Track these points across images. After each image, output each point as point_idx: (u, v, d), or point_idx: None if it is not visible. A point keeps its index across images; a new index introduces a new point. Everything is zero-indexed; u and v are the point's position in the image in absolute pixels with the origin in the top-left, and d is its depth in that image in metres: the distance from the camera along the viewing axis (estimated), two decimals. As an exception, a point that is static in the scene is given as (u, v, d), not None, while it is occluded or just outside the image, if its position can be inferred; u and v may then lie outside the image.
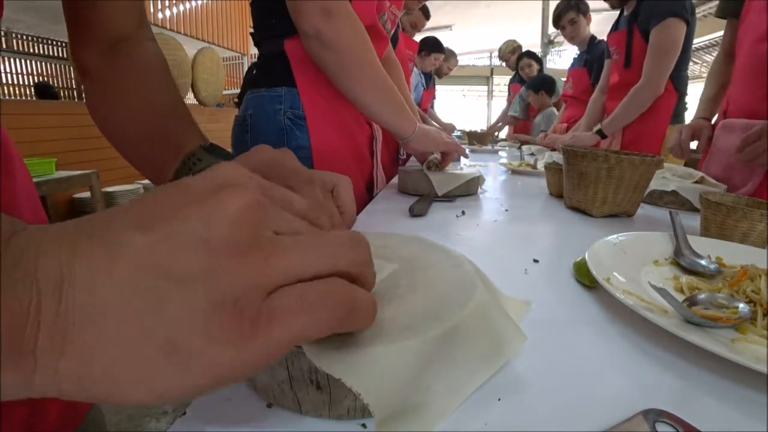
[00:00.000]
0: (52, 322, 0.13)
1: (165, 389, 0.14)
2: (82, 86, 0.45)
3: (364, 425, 0.23)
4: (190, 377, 0.14)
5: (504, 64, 3.68)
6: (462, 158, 1.57)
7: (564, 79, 2.54)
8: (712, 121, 1.08)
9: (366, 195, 0.94)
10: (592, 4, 2.19)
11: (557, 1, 2.25)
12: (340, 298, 0.17)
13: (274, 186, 0.24)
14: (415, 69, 2.65)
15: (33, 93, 4.51)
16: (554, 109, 2.79)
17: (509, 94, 3.69)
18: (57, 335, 0.13)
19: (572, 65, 2.37)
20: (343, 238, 0.18)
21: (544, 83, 2.83)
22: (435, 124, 1.99)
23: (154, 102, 0.43)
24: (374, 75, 0.72)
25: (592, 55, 2.14)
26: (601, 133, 1.59)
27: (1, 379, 0.12)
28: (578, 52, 2.29)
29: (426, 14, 2.43)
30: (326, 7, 0.64)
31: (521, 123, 3.24)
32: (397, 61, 1.22)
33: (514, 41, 3.49)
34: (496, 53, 3.66)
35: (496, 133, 3.25)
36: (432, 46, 2.86)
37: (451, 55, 3.38)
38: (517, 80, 3.43)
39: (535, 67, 3.12)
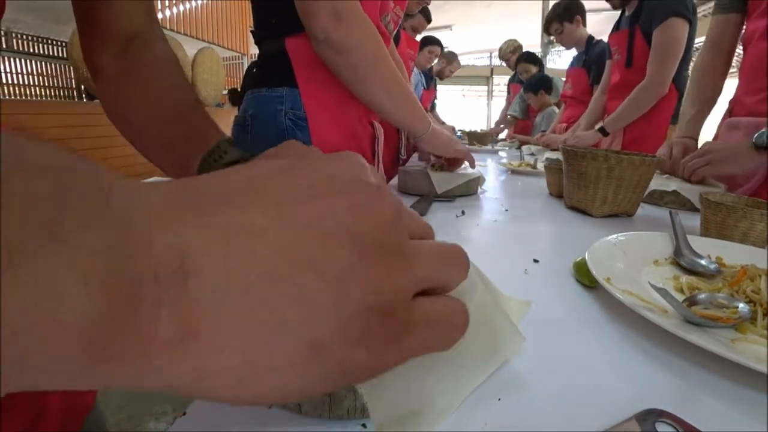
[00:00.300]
0: (173, 311, 0.11)
1: (300, 388, 0.13)
2: (95, 86, 0.45)
3: (364, 425, 0.23)
4: (328, 378, 0.13)
5: (504, 63, 3.67)
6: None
7: (564, 78, 2.54)
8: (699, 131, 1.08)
9: None
10: (592, 4, 2.20)
11: (557, 1, 2.25)
12: (462, 317, 0.17)
13: None
14: (415, 68, 2.65)
15: (33, 93, 4.51)
16: (555, 108, 2.79)
17: (509, 94, 3.69)
18: (180, 326, 0.11)
19: (571, 66, 2.38)
20: (456, 252, 0.18)
21: (541, 83, 2.84)
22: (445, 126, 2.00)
23: (170, 99, 0.43)
24: (387, 75, 0.72)
25: (590, 56, 2.14)
26: (603, 131, 1.59)
27: (107, 372, 0.10)
28: (577, 53, 2.29)
29: (427, 17, 2.43)
30: (336, 9, 0.63)
31: (522, 123, 3.24)
32: (401, 61, 1.22)
33: (515, 41, 3.49)
34: (496, 53, 3.66)
35: (497, 134, 3.25)
36: (426, 40, 2.85)
37: (453, 58, 3.38)
38: (517, 80, 3.43)
39: (533, 71, 3.11)
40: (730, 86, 1.10)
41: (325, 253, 0.13)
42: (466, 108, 11.66)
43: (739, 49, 1.03)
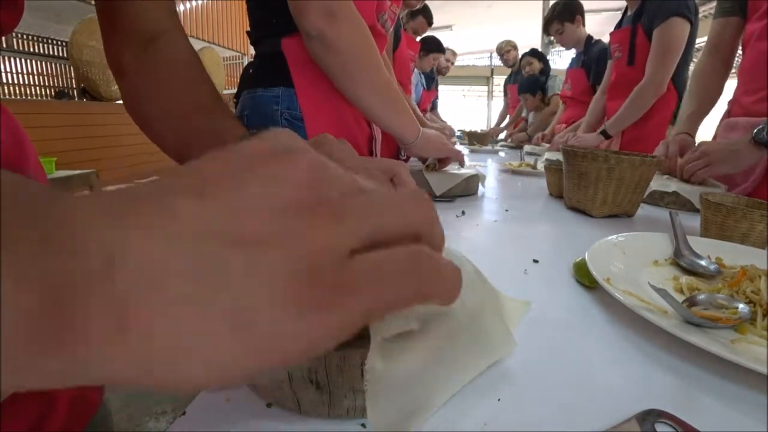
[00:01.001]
0: (105, 299, 0.11)
1: (232, 365, 0.13)
2: (118, 86, 0.46)
3: (363, 425, 0.23)
4: (259, 351, 0.13)
5: (501, 60, 3.67)
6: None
7: (563, 78, 2.55)
8: (691, 135, 1.08)
9: None
10: (592, 5, 2.20)
11: (556, 1, 2.26)
12: (424, 264, 0.15)
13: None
14: (415, 69, 2.65)
15: (33, 93, 4.52)
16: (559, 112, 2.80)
17: (506, 95, 3.69)
18: (112, 313, 0.11)
19: (570, 66, 2.38)
20: (409, 194, 0.17)
21: (537, 84, 2.86)
22: (435, 125, 1.99)
23: (192, 95, 0.44)
24: (377, 78, 0.72)
25: (589, 56, 2.15)
26: (605, 134, 1.59)
27: (47, 365, 0.11)
28: (576, 53, 2.30)
29: (429, 20, 2.43)
30: (329, 8, 0.63)
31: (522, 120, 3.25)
32: (389, 63, 1.22)
33: (512, 41, 3.49)
34: (495, 50, 3.65)
35: (497, 134, 3.25)
36: (431, 45, 2.85)
37: (443, 51, 3.37)
38: (513, 81, 3.44)
39: (537, 65, 3.11)
40: (729, 87, 1.10)
41: (241, 223, 0.13)
42: (466, 108, 11.66)
43: (739, 51, 1.03)
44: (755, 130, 0.76)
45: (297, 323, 0.13)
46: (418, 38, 2.52)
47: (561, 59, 7.11)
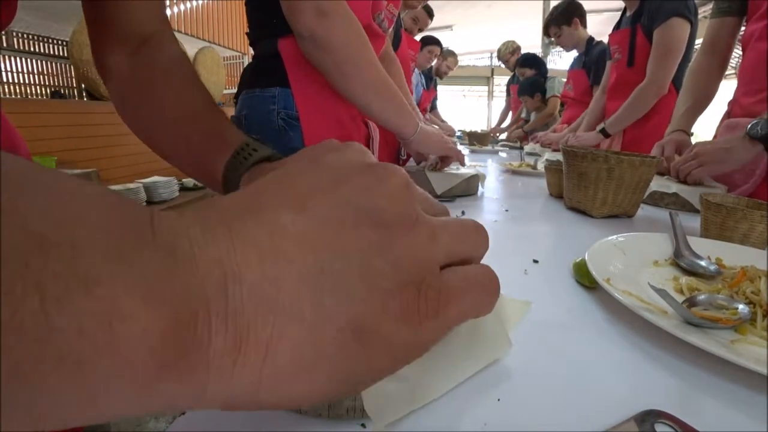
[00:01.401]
0: (224, 321, 0.11)
1: (349, 375, 0.13)
2: (107, 87, 0.45)
3: (363, 425, 0.23)
4: (373, 361, 0.13)
5: (503, 65, 3.67)
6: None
7: (564, 79, 2.55)
8: (688, 132, 1.08)
9: None
10: (592, 5, 2.20)
11: (558, 1, 2.26)
12: (496, 282, 0.17)
13: None
14: (415, 69, 2.64)
15: (33, 92, 4.52)
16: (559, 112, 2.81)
17: (508, 95, 3.69)
18: (231, 335, 0.11)
19: (571, 67, 2.38)
20: (473, 225, 0.18)
21: (536, 86, 2.87)
22: (434, 125, 1.99)
23: (186, 99, 0.43)
24: (372, 75, 0.72)
25: (590, 57, 2.15)
26: (604, 132, 1.59)
27: (170, 391, 0.11)
28: (577, 54, 2.30)
29: (430, 13, 2.42)
30: (321, 7, 0.63)
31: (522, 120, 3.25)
32: (396, 58, 1.21)
33: (513, 42, 3.48)
34: (496, 54, 3.65)
35: (498, 134, 3.25)
36: (426, 39, 2.85)
37: (448, 53, 3.37)
38: (516, 81, 3.43)
39: (529, 73, 3.12)
40: (729, 88, 1.10)
41: (347, 237, 0.13)
42: (466, 108, 11.66)
43: (739, 51, 1.03)
44: (749, 126, 0.76)
45: (410, 332, 0.14)
46: (420, 35, 2.52)
47: (561, 60, 7.11)
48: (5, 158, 0.10)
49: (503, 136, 3.34)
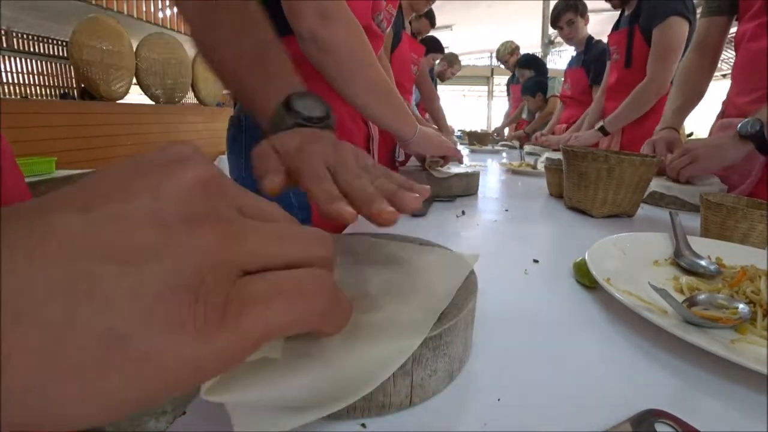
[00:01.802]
0: None
1: (109, 394, 0.11)
2: (187, 26, 0.46)
3: (363, 425, 0.23)
4: (137, 377, 0.11)
5: (502, 65, 3.68)
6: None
7: (561, 79, 2.55)
8: (679, 131, 1.08)
9: None
10: (591, 4, 2.20)
11: (557, 2, 2.26)
12: (322, 288, 0.15)
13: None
14: (417, 71, 2.64)
15: (33, 93, 4.52)
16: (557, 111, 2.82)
17: (509, 95, 3.69)
18: None
19: (569, 66, 2.38)
20: (312, 232, 0.17)
21: (538, 86, 2.87)
22: (434, 126, 1.98)
23: (256, 40, 0.44)
24: (373, 77, 0.72)
25: (589, 56, 2.15)
26: (603, 130, 1.59)
27: None
28: (575, 53, 2.30)
29: (432, 21, 2.42)
30: (322, 9, 0.64)
31: (523, 122, 3.26)
32: (388, 66, 1.22)
33: (512, 42, 3.49)
34: (495, 54, 3.65)
35: (497, 134, 3.25)
36: (430, 45, 2.85)
37: (454, 60, 3.37)
38: (516, 81, 3.43)
39: (528, 74, 3.13)
40: (722, 88, 1.11)
41: (124, 238, 0.12)
42: (466, 108, 11.66)
43: (732, 52, 1.04)
44: (740, 125, 0.77)
45: (184, 344, 0.12)
46: (419, 39, 2.52)
47: (561, 59, 7.11)
48: None
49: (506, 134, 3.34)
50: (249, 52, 0.44)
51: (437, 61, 2.99)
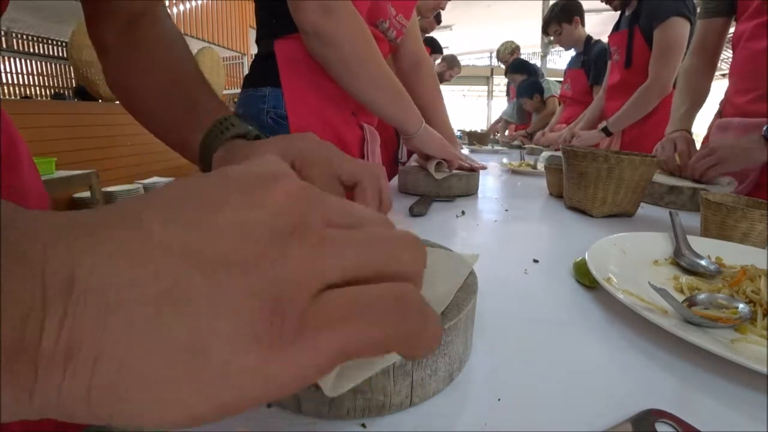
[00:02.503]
0: (57, 325, 0.10)
1: (184, 404, 0.11)
2: (102, 64, 0.46)
3: (363, 425, 0.23)
4: (213, 389, 0.11)
5: (503, 66, 3.68)
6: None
7: (557, 80, 2.55)
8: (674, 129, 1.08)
9: None
10: (592, 5, 2.20)
11: (554, 2, 2.26)
12: (407, 307, 0.14)
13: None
14: None
15: (33, 93, 4.52)
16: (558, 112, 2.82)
17: (508, 95, 3.70)
18: (62, 340, 0.10)
19: (569, 66, 2.38)
20: (402, 238, 0.15)
21: (534, 87, 2.89)
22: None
23: (176, 72, 0.44)
24: (377, 70, 0.72)
25: (588, 56, 2.15)
26: (606, 131, 1.59)
27: (17, 393, 0.10)
28: (575, 53, 2.30)
29: (437, 19, 2.42)
30: (326, 4, 0.64)
31: (520, 127, 3.26)
32: (430, 62, 1.22)
33: (512, 42, 3.50)
34: (495, 54, 3.66)
35: (496, 134, 3.26)
36: (430, 46, 2.85)
37: (454, 62, 3.38)
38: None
39: (519, 80, 3.15)
40: (719, 87, 1.11)
41: (213, 251, 0.12)
42: (466, 108, 11.66)
43: (729, 52, 1.04)
44: (765, 128, 0.77)
45: (257, 359, 0.12)
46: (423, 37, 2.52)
47: (561, 59, 7.11)
48: None
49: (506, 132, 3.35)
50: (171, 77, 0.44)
51: (437, 61, 3.00)
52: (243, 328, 0.12)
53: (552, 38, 2.28)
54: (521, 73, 3.12)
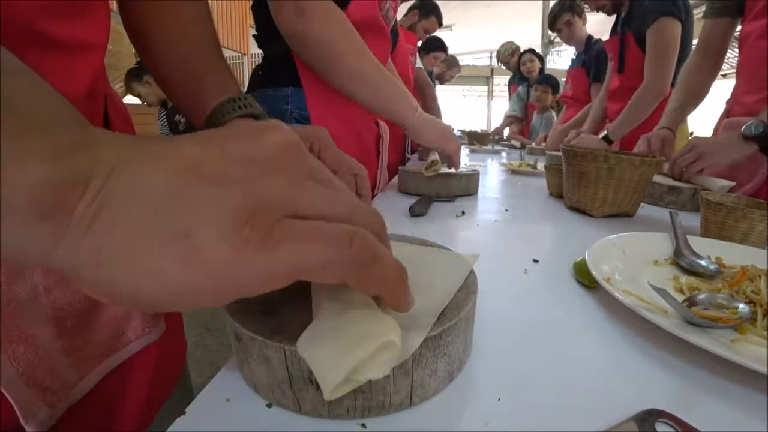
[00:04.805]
0: (93, 194, 0.14)
1: (165, 275, 0.14)
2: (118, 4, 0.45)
3: (363, 425, 0.23)
4: (189, 268, 0.14)
5: (503, 66, 3.68)
6: (462, 158, 1.57)
7: (564, 79, 2.55)
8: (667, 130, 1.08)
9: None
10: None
11: (553, 5, 2.27)
12: (362, 242, 0.17)
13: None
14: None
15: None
16: (553, 113, 2.82)
17: (510, 95, 3.70)
18: (92, 207, 0.14)
19: (571, 66, 2.38)
20: (367, 205, 0.19)
21: (551, 80, 2.87)
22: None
23: (199, 30, 0.45)
24: (355, 65, 0.71)
25: (589, 56, 2.15)
26: (607, 139, 1.57)
27: (35, 232, 0.14)
28: (576, 53, 2.30)
29: (439, 20, 2.42)
30: (299, 5, 0.64)
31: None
32: (391, 65, 1.22)
33: (512, 43, 3.50)
34: (496, 55, 3.66)
35: (497, 136, 3.26)
36: (433, 44, 2.85)
37: (454, 63, 3.38)
38: (517, 80, 3.44)
39: (537, 64, 3.14)
40: (722, 87, 1.11)
41: (218, 166, 0.16)
42: (466, 108, 11.66)
43: (735, 51, 1.04)
44: (743, 126, 0.78)
45: (230, 253, 0.15)
46: (426, 37, 2.51)
47: (561, 59, 7.11)
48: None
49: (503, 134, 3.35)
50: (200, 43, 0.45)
51: (440, 60, 2.99)
52: (222, 228, 0.15)
53: (553, 36, 2.29)
54: (539, 58, 3.16)
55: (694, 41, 1.44)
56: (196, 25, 0.45)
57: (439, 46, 2.88)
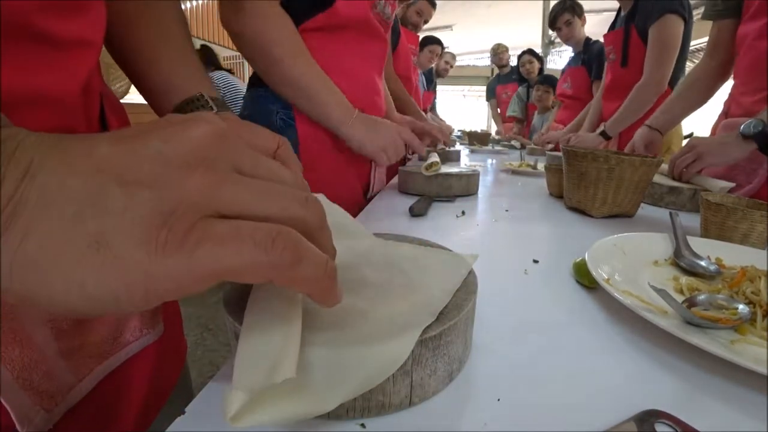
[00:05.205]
0: (6, 201, 0.13)
1: (82, 284, 0.14)
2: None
3: (363, 425, 0.23)
4: (106, 276, 0.14)
5: (493, 58, 3.69)
6: (462, 158, 1.57)
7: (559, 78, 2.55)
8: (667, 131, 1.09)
9: (362, 197, 0.92)
10: (590, 5, 2.22)
11: (554, 4, 2.28)
12: (284, 241, 0.16)
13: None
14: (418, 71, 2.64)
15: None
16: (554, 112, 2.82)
17: (492, 97, 3.73)
18: (7, 214, 0.13)
19: (569, 65, 2.38)
20: (301, 195, 0.18)
21: (552, 80, 2.88)
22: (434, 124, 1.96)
23: (172, 31, 0.45)
24: (286, 73, 0.70)
25: (589, 54, 2.16)
26: (604, 135, 1.58)
27: None
28: (574, 53, 2.31)
29: (432, 2, 2.39)
30: (236, 4, 0.64)
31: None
32: (391, 70, 1.20)
33: (501, 45, 3.56)
34: (490, 53, 3.68)
35: (497, 137, 3.27)
36: (427, 39, 2.85)
37: (449, 55, 3.39)
38: (503, 82, 3.46)
39: (536, 65, 3.14)
40: (724, 88, 1.11)
41: (133, 167, 0.15)
42: (466, 108, 11.66)
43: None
44: (743, 125, 0.78)
45: (146, 257, 0.14)
46: (420, 30, 2.51)
47: (561, 59, 7.11)
48: None
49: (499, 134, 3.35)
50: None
51: (436, 54, 2.97)
52: (139, 232, 0.14)
53: (557, 32, 2.30)
54: (538, 59, 3.18)
55: (693, 42, 1.44)
56: (162, 24, 0.45)
57: (434, 40, 2.87)
